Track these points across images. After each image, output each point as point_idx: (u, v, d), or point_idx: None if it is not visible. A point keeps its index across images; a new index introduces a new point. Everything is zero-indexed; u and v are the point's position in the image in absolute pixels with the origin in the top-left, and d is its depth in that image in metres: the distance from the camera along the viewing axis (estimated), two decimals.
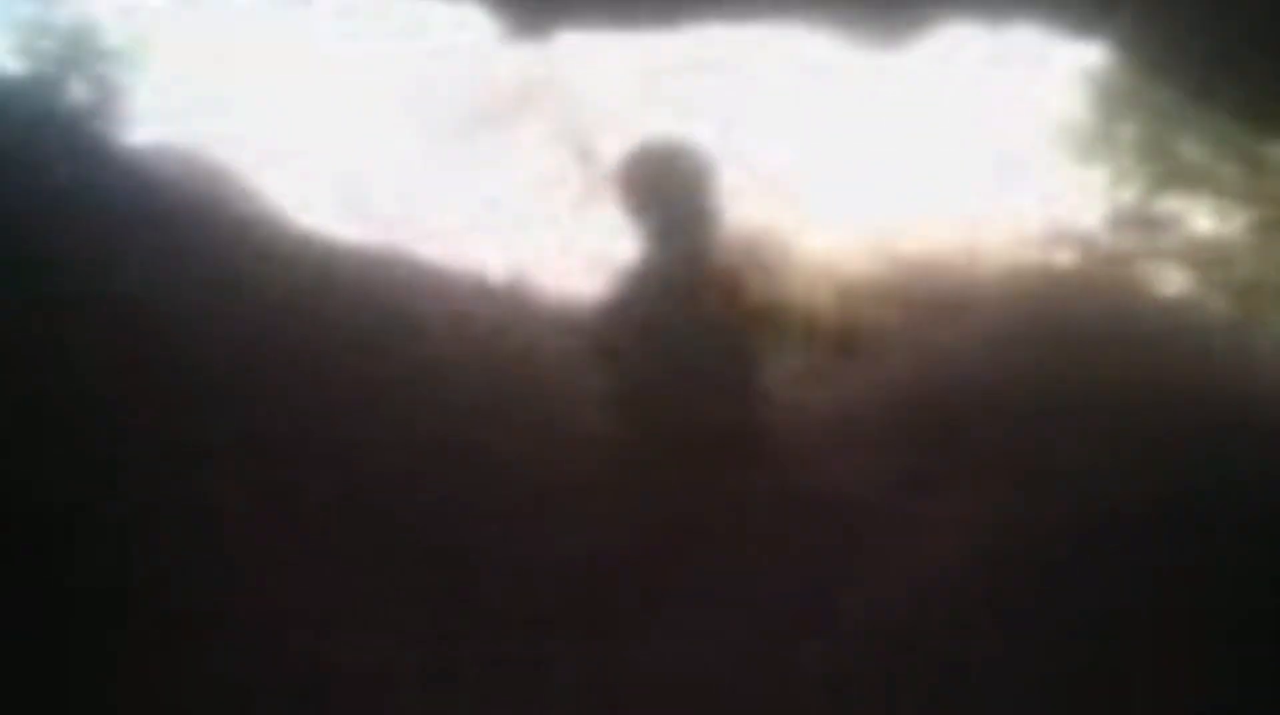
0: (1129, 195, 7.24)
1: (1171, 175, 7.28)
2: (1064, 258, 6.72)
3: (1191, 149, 7.29)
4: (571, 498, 4.19)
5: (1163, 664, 3.78)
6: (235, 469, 4.21)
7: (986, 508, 4.42)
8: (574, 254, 5.39)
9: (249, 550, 3.94)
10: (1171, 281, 7.02)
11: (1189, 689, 3.70)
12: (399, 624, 3.73)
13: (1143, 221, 7.18)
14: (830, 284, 5.77)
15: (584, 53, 5.47)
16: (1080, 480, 4.54)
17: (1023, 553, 4.23)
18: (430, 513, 4.19)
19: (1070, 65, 6.79)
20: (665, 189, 4.34)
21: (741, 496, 4.02)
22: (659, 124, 5.36)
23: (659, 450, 4.18)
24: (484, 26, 5.12)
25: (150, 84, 5.41)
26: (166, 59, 5.50)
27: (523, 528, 4.13)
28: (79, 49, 5.19)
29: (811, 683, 3.66)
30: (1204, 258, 7.09)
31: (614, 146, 5.32)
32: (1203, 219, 7.26)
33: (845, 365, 5.30)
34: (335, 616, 3.75)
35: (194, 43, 5.51)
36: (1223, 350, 5.87)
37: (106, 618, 3.67)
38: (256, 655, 3.50)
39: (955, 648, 3.82)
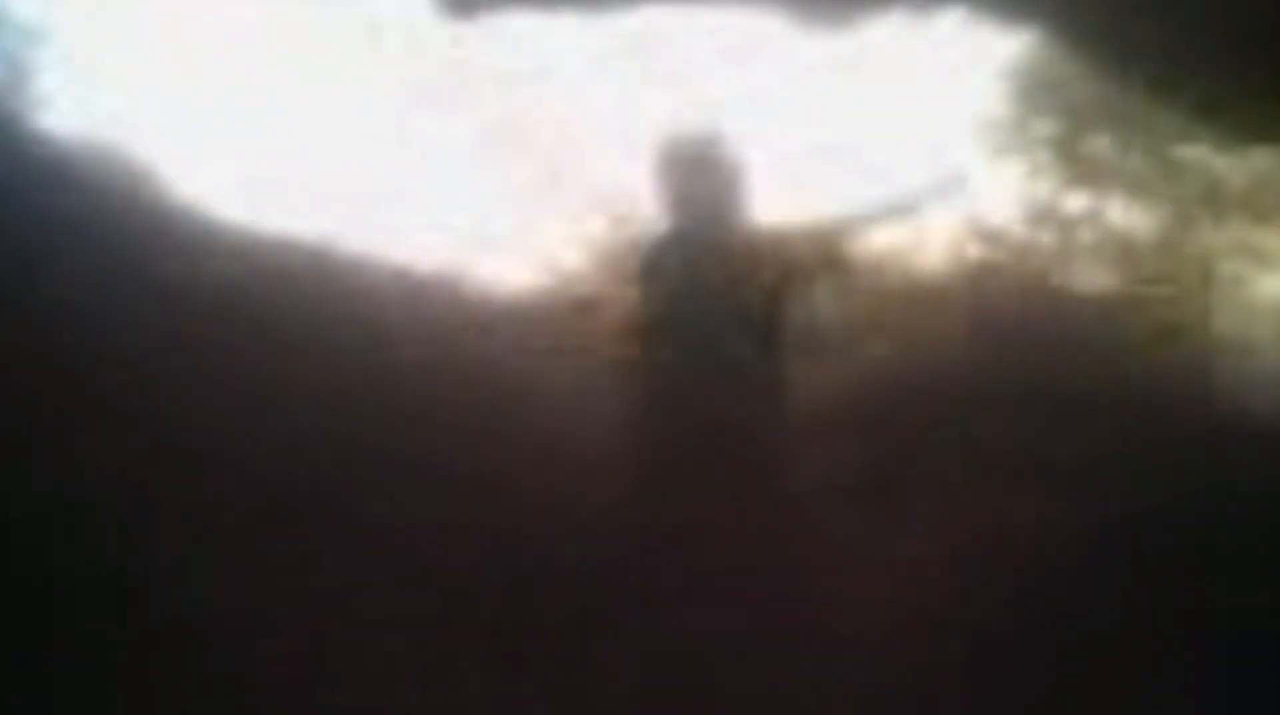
0: (1044, 190, 7.26)
1: (1084, 171, 7.31)
2: (985, 253, 6.72)
3: (1102, 145, 7.33)
4: (528, 499, 4.04)
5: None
6: (151, 467, 4.00)
7: (945, 500, 4.40)
8: (514, 244, 5.21)
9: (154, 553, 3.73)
10: (1085, 277, 7.06)
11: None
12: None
13: (1057, 217, 7.21)
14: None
15: (522, 33, 5.31)
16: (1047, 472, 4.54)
17: (992, 546, 4.20)
18: (364, 513, 4.03)
19: (993, 57, 6.78)
20: (700, 177, 4.37)
21: (734, 490, 3.89)
22: (597, 106, 5.27)
23: (668, 432, 4.07)
24: (419, 6, 4.91)
25: (61, 63, 5.08)
26: (79, 36, 5.19)
27: (477, 528, 3.98)
28: None
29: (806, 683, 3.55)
30: (1115, 253, 7.13)
31: (553, 132, 5.17)
32: (1114, 215, 7.31)
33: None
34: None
35: (108, 19, 5.21)
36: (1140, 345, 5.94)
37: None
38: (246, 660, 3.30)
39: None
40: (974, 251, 6.58)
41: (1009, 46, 6.57)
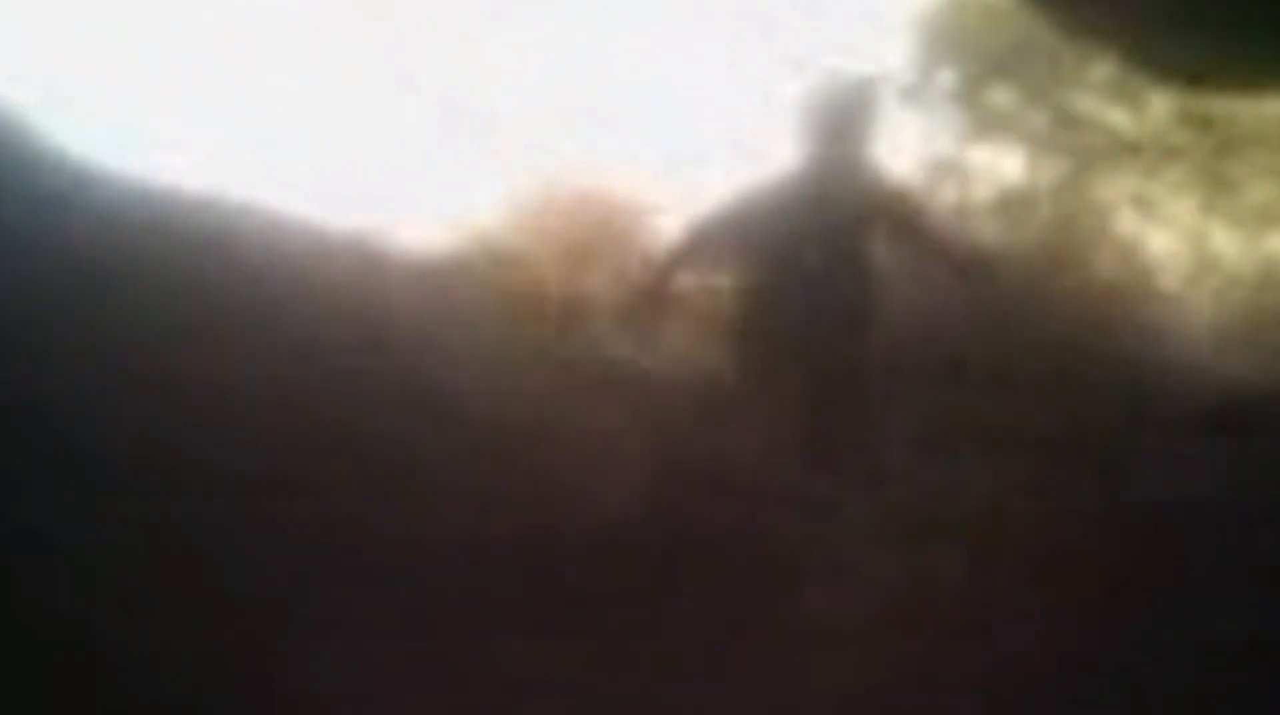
0: (945, 143, 7.21)
1: (984, 124, 7.27)
2: None
3: (1002, 98, 7.30)
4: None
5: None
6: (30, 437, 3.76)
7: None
8: (422, 196, 5.00)
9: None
10: (985, 231, 7.03)
11: None
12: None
13: (957, 170, 7.17)
14: None
15: None
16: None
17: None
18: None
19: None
20: (843, 119, 4.65)
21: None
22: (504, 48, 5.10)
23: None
24: None
25: None
26: None
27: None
28: None
29: None
30: (1013, 207, 7.12)
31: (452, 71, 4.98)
32: (1012, 167, 7.29)
33: None
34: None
35: None
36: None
37: None
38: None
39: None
40: None
41: None
